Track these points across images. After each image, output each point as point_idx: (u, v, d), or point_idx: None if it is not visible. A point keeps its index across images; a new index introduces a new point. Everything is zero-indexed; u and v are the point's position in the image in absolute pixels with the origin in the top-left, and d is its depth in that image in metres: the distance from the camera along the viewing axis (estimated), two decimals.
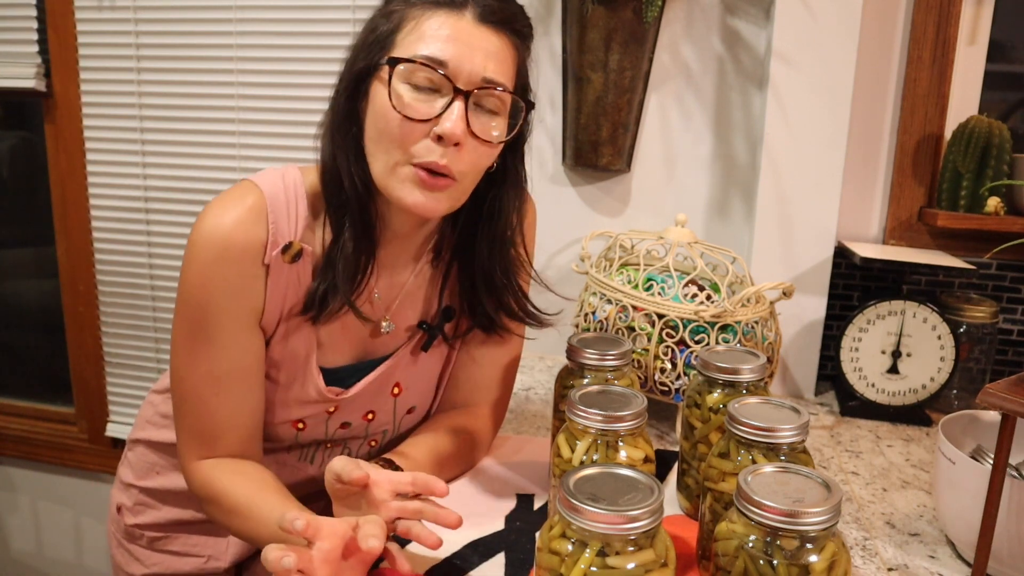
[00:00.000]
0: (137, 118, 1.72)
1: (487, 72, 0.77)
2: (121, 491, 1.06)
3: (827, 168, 1.27)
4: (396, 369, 0.94)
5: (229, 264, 0.79)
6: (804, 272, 1.31)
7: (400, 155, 0.78)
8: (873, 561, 0.83)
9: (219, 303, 0.80)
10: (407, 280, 0.93)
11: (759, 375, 0.81)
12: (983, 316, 1.27)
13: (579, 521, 0.55)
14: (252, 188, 0.81)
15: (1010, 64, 1.42)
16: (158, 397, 1.05)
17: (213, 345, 0.81)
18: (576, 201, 1.49)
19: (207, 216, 0.80)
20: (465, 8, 0.77)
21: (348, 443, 0.98)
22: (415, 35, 0.77)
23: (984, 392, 0.72)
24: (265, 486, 0.81)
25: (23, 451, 2.07)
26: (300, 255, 0.83)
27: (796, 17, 1.24)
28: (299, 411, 0.90)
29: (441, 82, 0.76)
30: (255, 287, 0.81)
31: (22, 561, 2.20)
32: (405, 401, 0.97)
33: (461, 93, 0.76)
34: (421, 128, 0.77)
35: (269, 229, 0.80)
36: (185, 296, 0.81)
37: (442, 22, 0.76)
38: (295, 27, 1.59)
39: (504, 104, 0.81)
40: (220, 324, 0.81)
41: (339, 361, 0.91)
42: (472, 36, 0.77)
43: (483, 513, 0.87)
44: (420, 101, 0.77)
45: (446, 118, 0.76)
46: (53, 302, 1.95)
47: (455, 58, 0.76)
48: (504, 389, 1.03)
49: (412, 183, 0.78)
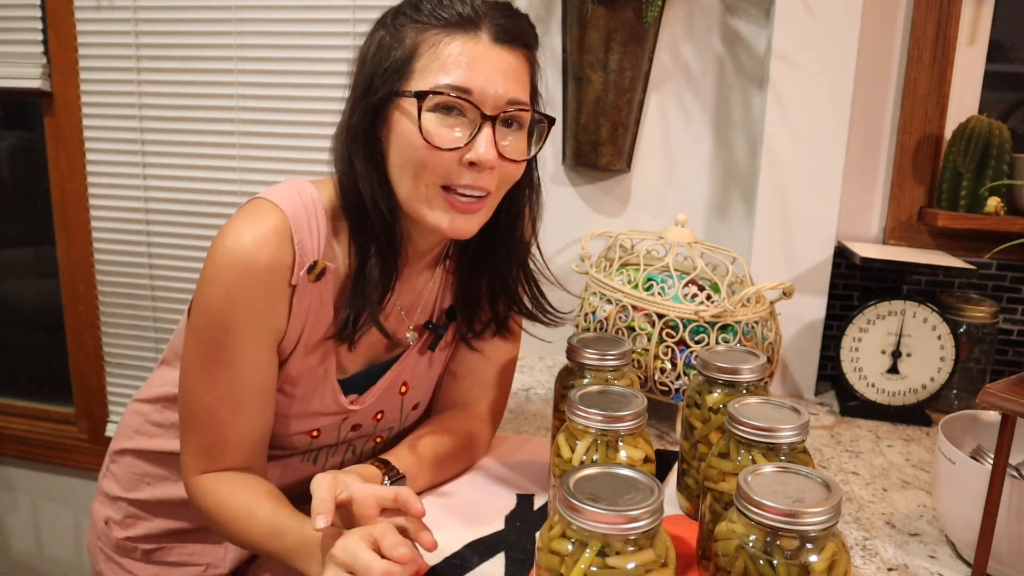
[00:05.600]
0: (137, 118, 1.72)
1: (510, 93, 0.78)
2: (106, 504, 1.03)
3: (827, 168, 1.27)
4: (404, 369, 0.95)
5: (255, 285, 0.78)
6: (804, 272, 1.31)
7: (430, 179, 0.78)
8: (873, 561, 0.83)
9: (242, 324, 0.79)
10: (425, 287, 0.94)
11: (759, 375, 0.81)
12: (983, 316, 1.27)
13: (579, 521, 0.55)
14: (272, 208, 0.80)
15: (1010, 64, 1.42)
16: (147, 406, 1.02)
17: (232, 366, 0.80)
18: (576, 201, 1.49)
19: (228, 236, 0.79)
20: (480, 30, 0.77)
21: (354, 442, 0.98)
22: (436, 63, 0.77)
23: (984, 392, 0.72)
24: (263, 495, 0.81)
25: (23, 451, 2.06)
26: (324, 273, 0.82)
27: (796, 17, 1.24)
28: (316, 422, 0.91)
29: (467, 108, 0.77)
30: (280, 308, 0.81)
31: (22, 561, 2.20)
32: (411, 399, 0.98)
33: (489, 119, 0.77)
34: (451, 156, 0.77)
35: (295, 250, 0.80)
36: (205, 315, 0.80)
37: (460, 48, 0.77)
38: (295, 27, 1.59)
39: (525, 119, 0.82)
40: (241, 345, 0.80)
41: (353, 369, 0.91)
42: (491, 59, 0.77)
43: (483, 513, 0.87)
44: (448, 128, 0.77)
45: (478, 145, 0.77)
46: (53, 302, 1.95)
47: (479, 84, 0.76)
48: (502, 388, 1.03)
49: (443, 207, 0.79)
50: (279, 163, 1.67)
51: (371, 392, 0.92)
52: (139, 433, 1.01)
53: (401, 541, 0.68)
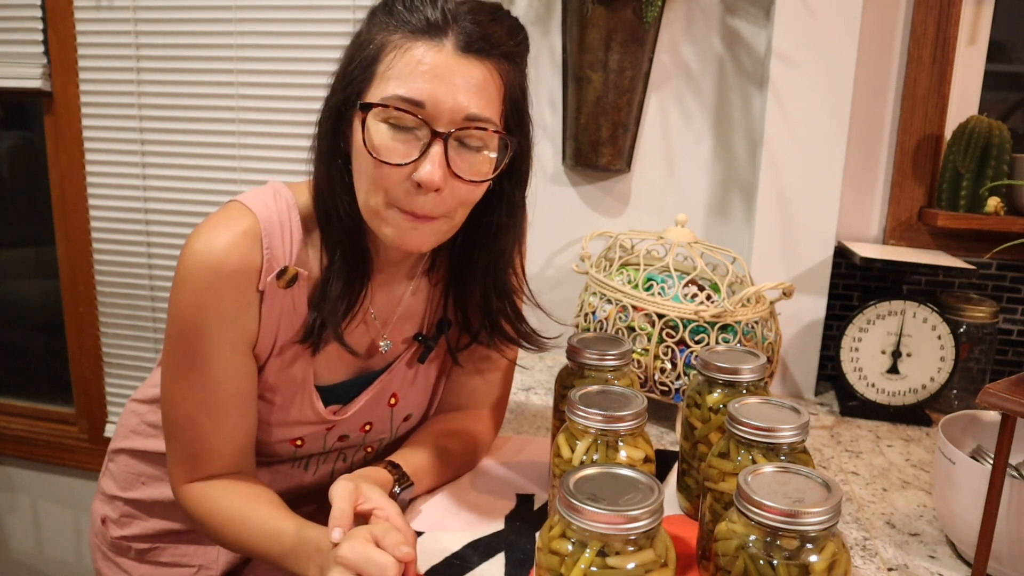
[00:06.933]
0: (137, 118, 1.72)
1: (470, 109, 0.72)
2: (104, 503, 1.03)
3: (827, 168, 1.27)
4: (392, 381, 0.93)
5: (223, 290, 0.77)
6: (804, 272, 1.31)
7: (382, 197, 0.75)
8: (873, 561, 0.83)
9: (213, 329, 0.78)
10: (403, 296, 0.91)
11: (759, 375, 0.81)
12: (983, 316, 1.27)
13: (579, 521, 0.55)
14: (244, 211, 0.78)
15: (1010, 64, 1.42)
16: (143, 407, 1.02)
17: (207, 372, 0.79)
18: (576, 201, 1.49)
19: (198, 240, 0.77)
20: (446, 37, 0.71)
21: (344, 451, 0.97)
22: (393, 71, 0.72)
23: (984, 392, 0.72)
24: (257, 498, 0.81)
25: (23, 451, 2.06)
26: (295, 279, 0.81)
27: (796, 17, 1.24)
28: (298, 430, 0.89)
29: (419, 125, 0.72)
30: (249, 313, 0.79)
31: (22, 561, 2.20)
32: (402, 410, 0.97)
33: (439, 136, 0.72)
34: (400, 172, 0.73)
35: (264, 255, 0.78)
36: (177, 322, 0.79)
37: (421, 56, 0.71)
38: (295, 27, 1.59)
39: (489, 139, 0.76)
40: (214, 350, 0.78)
41: (336, 378, 0.90)
42: (453, 71, 0.71)
43: (483, 513, 0.87)
44: (398, 142, 0.72)
45: (424, 163, 0.72)
46: (53, 302, 1.95)
47: (433, 97, 0.71)
48: (503, 391, 1.03)
49: (395, 223, 0.75)
50: (279, 163, 1.67)
51: (354, 403, 0.91)
52: (135, 433, 1.02)
53: (402, 540, 0.67)
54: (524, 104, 0.80)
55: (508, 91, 0.77)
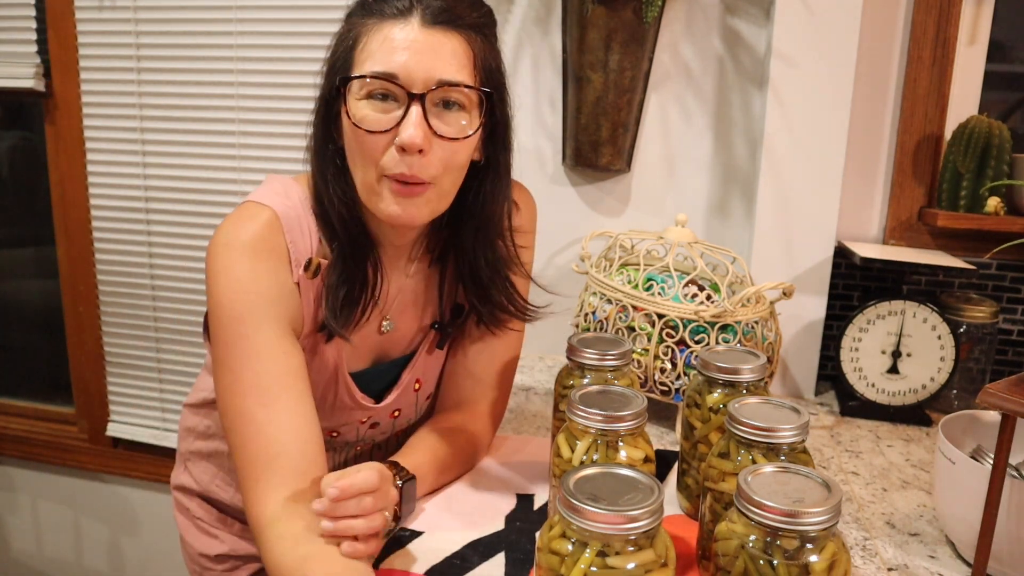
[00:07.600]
0: (137, 118, 1.72)
1: (439, 73, 0.76)
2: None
3: (827, 168, 1.27)
4: (416, 369, 0.97)
5: (261, 273, 0.79)
6: (804, 272, 1.31)
7: (373, 171, 0.78)
8: (873, 561, 0.83)
9: (255, 309, 0.78)
10: (403, 282, 0.94)
11: (759, 375, 0.81)
12: (983, 316, 1.27)
13: (579, 521, 0.55)
14: (262, 208, 0.81)
15: (1010, 64, 1.42)
16: None
17: (253, 356, 0.78)
18: (576, 201, 1.49)
19: (225, 234, 0.79)
20: (411, 15, 0.76)
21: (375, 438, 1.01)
22: (365, 53, 0.77)
23: (984, 392, 0.72)
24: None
25: (23, 451, 2.06)
26: (320, 270, 0.83)
27: (796, 17, 1.24)
28: (335, 419, 0.92)
29: (397, 92, 0.76)
30: (291, 299, 0.81)
31: (22, 561, 2.20)
32: (425, 392, 1.01)
33: (416, 97, 0.76)
34: (384, 139, 0.77)
35: (288, 248, 0.81)
36: (219, 317, 0.79)
37: (389, 34, 0.76)
38: (295, 27, 1.59)
39: (470, 98, 0.79)
40: (258, 330, 0.78)
41: (360, 365, 0.93)
42: (421, 42, 0.76)
43: (483, 513, 0.87)
44: (379, 112, 0.77)
45: (405, 126, 0.75)
46: (53, 302, 1.95)
47: (404, 67, 0.75)
48: (502, 388, 1.03)
49: (389, 195, 0.79)
50: (279, 163, 1.67)
51: (389, 397, 0.95)
52: None
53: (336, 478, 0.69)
54: (499, 75, 0.84)
55: (479, 60, 0.80)
